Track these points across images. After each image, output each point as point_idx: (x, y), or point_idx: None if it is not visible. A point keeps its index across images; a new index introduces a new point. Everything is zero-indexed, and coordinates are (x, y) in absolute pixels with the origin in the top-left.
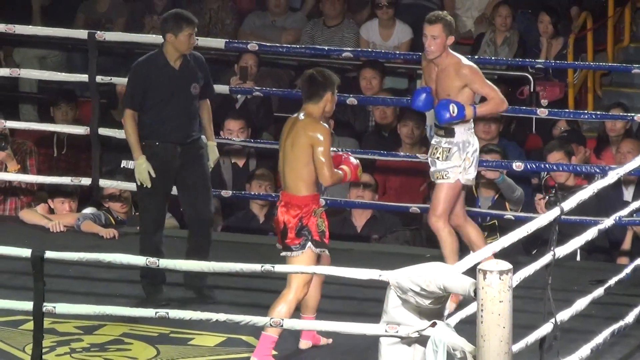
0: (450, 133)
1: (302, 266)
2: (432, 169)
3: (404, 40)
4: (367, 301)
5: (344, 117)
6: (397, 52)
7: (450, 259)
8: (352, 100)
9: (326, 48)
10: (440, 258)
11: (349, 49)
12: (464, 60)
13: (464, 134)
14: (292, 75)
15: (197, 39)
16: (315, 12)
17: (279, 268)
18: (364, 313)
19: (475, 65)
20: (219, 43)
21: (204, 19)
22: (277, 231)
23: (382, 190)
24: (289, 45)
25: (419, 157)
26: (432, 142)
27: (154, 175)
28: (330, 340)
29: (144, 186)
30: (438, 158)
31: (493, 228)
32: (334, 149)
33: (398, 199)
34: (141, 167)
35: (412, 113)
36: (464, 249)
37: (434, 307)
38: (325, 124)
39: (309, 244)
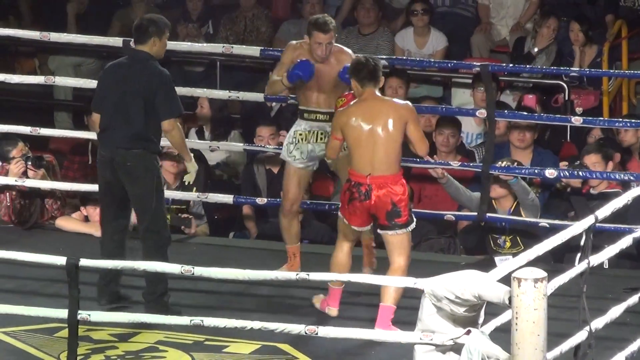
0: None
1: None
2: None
3: (439, 48)
4: (402, 309)
5: None
6: (432, 60)
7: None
8: None
9: None
10: (475, 266)
11: (384, 57)
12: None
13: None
14: None
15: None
16: (350, 20)
17: (313, 276)
18: (398, 321)
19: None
20: (254, 51)
21: (239, 26)
22: (381, 214)
23: (417, 199)
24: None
25: (451, 164)
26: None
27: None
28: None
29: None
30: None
31: (515, 241)
32: None
33: (433, 207)
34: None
35: (448, 122)
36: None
37: (468, 315)
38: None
39: (413, 218)
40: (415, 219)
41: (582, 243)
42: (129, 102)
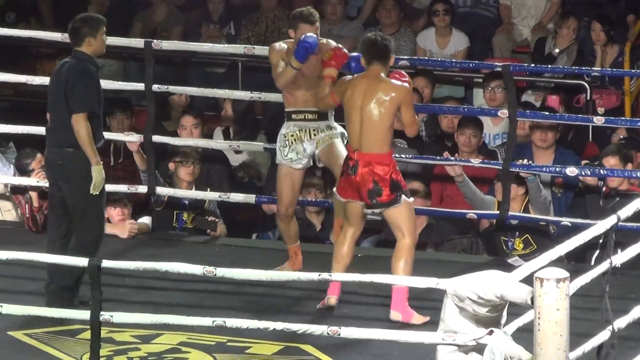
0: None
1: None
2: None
3: (461, 48)
4: (424, 309)
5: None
6: (454, 60)
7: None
8: None
9: None
10: (496, 265)
11: (406, 57)
12: None
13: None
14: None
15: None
16: (372, 21)
17: (336, 277)
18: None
19: None
20: None
21: (260, 27)
22: (363, 191)
23: (439, 199)
24: None
25: (472, 161)
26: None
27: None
28: (426, 319)
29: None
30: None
31: (527, 241)
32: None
33: (454, 207)
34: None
35: (469, 121)
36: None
37: (491, 315)
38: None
39: (403, 196)
40: (405, 198)
41: (601, 241)
42: (56, 100)
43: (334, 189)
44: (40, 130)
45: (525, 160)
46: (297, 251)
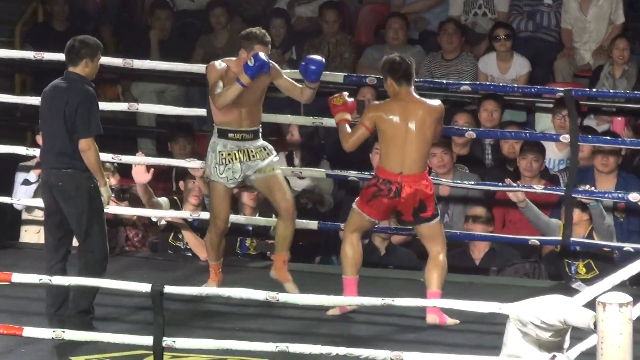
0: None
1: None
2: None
3: (522, 73)
4: (487, 334)
5: (470, 152)
6: (516, 85)
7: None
8: (470, 133)
9: (444, 81)
10: (559, 290)
11: (467, 82)
12: None
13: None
14: None
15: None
16: (434, 46)
17: (399, 302)
18: (483, 346)
19: None
20: (337, 77)
21: (322, 52)
22: (407, 210)
23: (502, 223)
24: None
25: (534, 187)
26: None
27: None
28: (457, 321)
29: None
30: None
31: (589, 266)
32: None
33: (517, 232)
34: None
35: (531, 146)
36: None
37: (554, 340)
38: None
39: (439, 211)
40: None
41: None
42: (54, 122)
43: (356, 206)
44: (102, 156)
45: (588, 186)
46: (217, 268)
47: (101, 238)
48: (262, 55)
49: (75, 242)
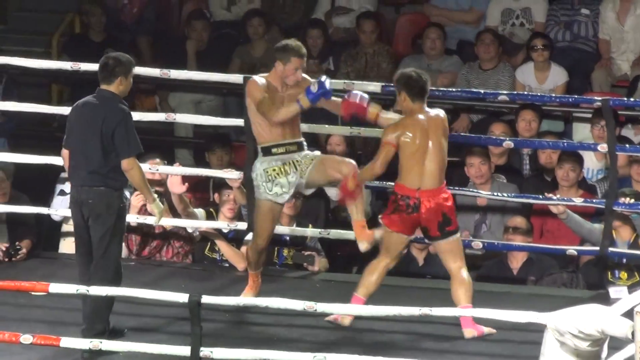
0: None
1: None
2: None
3: (560, 83)
4: (525, 344)
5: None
6: (553, 95)
7: None
8: (508, 143)
9: (482, 91)
10: (597, 300)
11: (505, 92)
12: None
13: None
14: (448, 118)
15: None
16: (471, 56)
17: (436, 311)
18: (520, 356)
19: None
20: (375, 87)
21: (360, 63)
22: (432, 225)
23: (539, 233)
24: (444, 89)
25: (574, 200)
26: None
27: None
28: (494, 331)
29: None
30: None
31: (631, 269)
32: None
33: (555, 242)
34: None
35: (569, 156)
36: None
37: (592, 350)
38: None
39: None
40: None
41: None
42: (88, 140)
43: (382, 221)
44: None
45: (629, 199)
46: (259, 276)
47: (117, 256)
48: (327, 82)
49: None
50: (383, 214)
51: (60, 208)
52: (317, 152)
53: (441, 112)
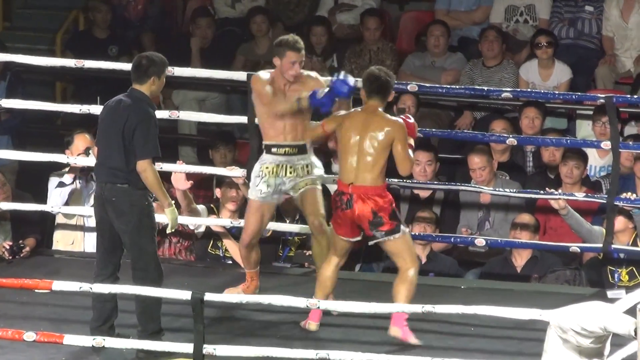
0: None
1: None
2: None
3: (564, 80)
4: (527, 341)
5: (511, 159)
6: (557, 92)
7: None
8: (511, 140)
9: (485, 88)
10: (599, 297)
11: (509, 89)
12: None
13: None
14: (451, 116)
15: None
16: (475, 53)
17: (439, 309)
18: (523, 353)
19: None
20: None
21: (363, 60)
22: (364, 224)
23: (543, 230)
24: (448, 86)
25: (575, 195)
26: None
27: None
28: (419, 343)
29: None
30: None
31: (632, 273)
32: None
33: (558, 239)
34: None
35: (573, 153)
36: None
37: (594, 347)
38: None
39: (402, 226)
40: (403, 227)
41: None
42: (111, 138)
43: (331, 222)
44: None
45: (630, 194)
46: (254, 276)
47: (154, 256)
48: (324, 98)
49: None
50: (332, 216)
51: (58, 199)
52: (319, 173)
53: (393, 118)
